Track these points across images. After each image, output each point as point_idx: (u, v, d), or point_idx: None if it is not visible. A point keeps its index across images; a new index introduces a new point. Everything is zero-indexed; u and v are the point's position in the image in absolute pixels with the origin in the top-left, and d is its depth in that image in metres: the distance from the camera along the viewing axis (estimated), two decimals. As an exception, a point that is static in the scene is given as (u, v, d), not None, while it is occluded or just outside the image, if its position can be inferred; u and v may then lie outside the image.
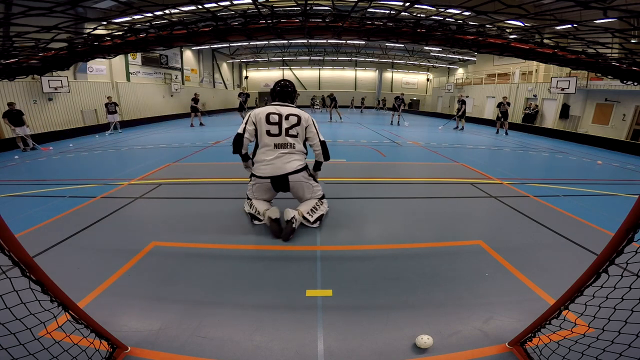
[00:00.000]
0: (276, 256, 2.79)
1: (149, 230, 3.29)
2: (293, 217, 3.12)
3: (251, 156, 3.32)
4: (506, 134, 12.80)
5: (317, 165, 3.42)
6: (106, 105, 11.94)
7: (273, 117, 3.10)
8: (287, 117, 3.11)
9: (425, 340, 1.74)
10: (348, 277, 2.45)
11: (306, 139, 3.26)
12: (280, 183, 3.23)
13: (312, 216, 3.27)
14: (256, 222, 3.37)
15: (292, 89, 3.31)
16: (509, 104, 12.61)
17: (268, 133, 3.10)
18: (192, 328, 1.90)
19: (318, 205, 3.36)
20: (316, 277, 2.45)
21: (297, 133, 3.15)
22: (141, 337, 1.83)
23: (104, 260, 2.69)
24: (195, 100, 14.56)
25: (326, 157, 3.29)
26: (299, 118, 3.14)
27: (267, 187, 3.27)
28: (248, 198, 3.49)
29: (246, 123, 3.15)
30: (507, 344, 1.77)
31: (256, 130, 3.14)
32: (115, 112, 12.05)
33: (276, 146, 3.13)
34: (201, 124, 14.87)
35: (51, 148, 8.89)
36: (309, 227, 3.28)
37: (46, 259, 2.69)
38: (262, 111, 3.12)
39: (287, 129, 3.11)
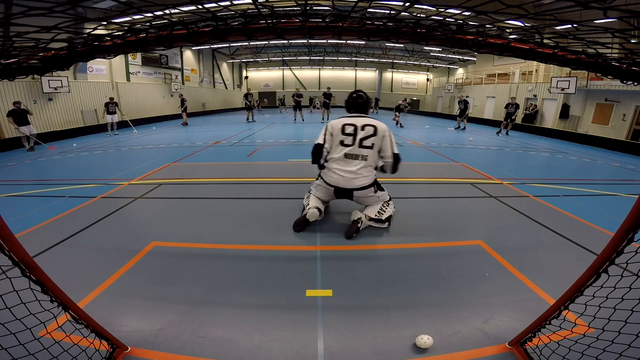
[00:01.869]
0: (276, 256, 2.79)
1: (149, 230, 3.29)
2: (360, 218, 3.14)
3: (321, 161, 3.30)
4: (507, 134, 12.79)
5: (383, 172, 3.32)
6: (106, 105, 11.73)
7: (348, 128, 3.08)
8: (362, 128, 3.07)
9: (425, 340, 1.74)
10: (348, 277, 2.45)
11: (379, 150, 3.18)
12: (343, 194, 3.22)
13: (381, 215, 3.25)
14: (303, 213, 3.37)
15: (365, 100, 3.29)
16: (517, 105, 12.38)
17: (342, 143, 3.09)
18: (192, 328, 1.90)
19: (385, 207, 3.32)
20: (316, 277, 2.45)
21: (373, 144, 3.07)
22: (141, 337, 1.83)
23: (104, 260, 2.69)
24: (182, 101, 14.99)
25: (394, 170, 3.18)
26: (376, 129, 3.07)
27: (330, 193, 3.28)
28: (309, 190, 3.52)
29: (325, 134, 3.16)
30: (507, 344, 1.77)
31: (332, 138, 3.15)
32: (115, 112, 11.94)
33: (347, 156, 3.09)
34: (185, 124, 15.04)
35: (56, 147, 8.91)
36: (379, 227, 3.29)
37: (46, 259, 2.69)
38: (338, 122, 3.14)
39: (361, 140, 3.06)
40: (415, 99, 32.20)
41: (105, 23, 1.77)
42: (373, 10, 9.90)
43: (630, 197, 4.59)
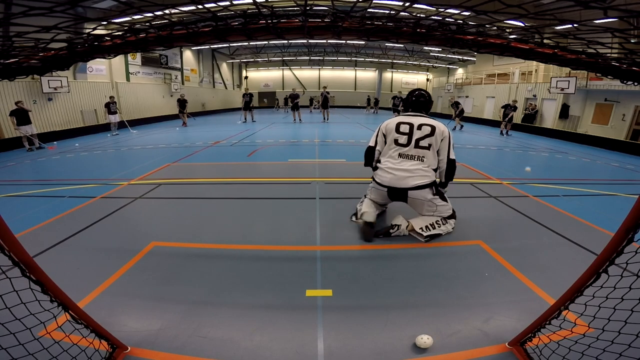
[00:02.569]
0: (276, 256, 2.79)
1: (149, 230, 3.29)
2: (398, 226, 2.93)
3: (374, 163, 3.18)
4: (507, 134, 12.78)
5: (441, 185, 3.08)
6: (107, 105, 11.73)
7: (404, 126, 2.94)
8: (419, 127, 2.91)
9: (425, 340, 1.74)
10: (348, 277, 2.45)
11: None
12: (397, 195, 3.01)
13: (429, 231, 2.96)
14: (353, 218, 3.25)
15: (427, 99, 3.10)
16: (515, 108, 12.26)
17: (396, 142, 2.96)
18: (192, 328, 1.90)
19: (439, 223, 3.01)
20: (316, 277, 2.45)
21: (430, 145, 2.89)
22: (141, 337, 1.83)
23: (104, 260, 2.69)
24: (182, 101, 14.89)
25: (449, 177, 2.98)
26: (433, 129, 2.89)
27: (383, 195, 3.10)
28: (365, 194, 3.38)
29: (377, 135, 3.06)
30: (507, 344, 1.77)
31: (385, 139, 3.04)
32: (116, 112, 11.98)
33: (401, 156, 2.94)
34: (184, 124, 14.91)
35: (55, 144, 8.91)
36: (418, 238, 3.02)
37: (46, 259, 2.69)
38: (393, 121, 3.01)
39: (417, 140, 2.90)
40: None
41: (105, 23, 1.77)
42: (373, 10, 9.90)
43: (630, 197, 4.59)
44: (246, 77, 32.10)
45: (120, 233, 3.22)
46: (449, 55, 24.21)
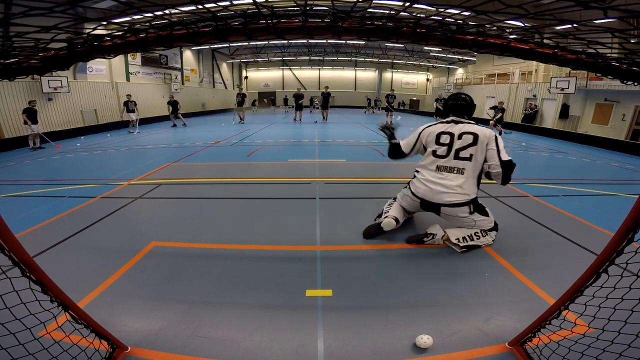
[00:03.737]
0: (276, 256, 2.79)
1: (149, 230, 3.29)
2: (433, 235, 2.80)
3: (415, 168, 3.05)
4: (500, 134, 12.73)
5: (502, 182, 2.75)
6: (125, 103, 12.27)
7: (444, 137, 2.74)
8: (460, 137, 2.69)
9: (425, 340, 1.74)
10: (348, 277, 2.45)
11: (485, 160, 2.71)
12: (430, 207, 2.87)
13: (466, 242, 2.77)
14: (378, 219, 3.16)
15: (469, 103, 2.87)
16: (502, 110, 12.12)
17: (434, 154, 2.78)
18: (192, 328, 1.90)
19: (477, 236, 2.80)
20: (316, 277, 2.44)
21: (471, 155, 2.66)
22: (141, 337, 1.83)
23: (104, 260, 2.69)
24: (174, 102, 14.66)
25: (505, 180, 2.65)
26: (476, 137, 2.64)
27: (416, 205, 2.96)
28: (394, 197, 3.25)
29: (415, 141, 2.90)
30: (507, 344, 1.77)
31: (424, 148, 2.90)
32: (134, 110, 12.35)
33: (439, 169, 2.76)
34: (174, 125, 14.63)
35: (61, 146, 8.95)
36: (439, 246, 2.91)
37: (46, 259, 2.69)
38: (434, 131, 2.81)
39: (457, 150, 2.68)
40: (415, 99, 32.21)
41: (105, 23, 1.77)
42: (373, 10, 9.90)
43: (630, 197, 4.59)
44: (246, 77, 32.11)
45: (120, 233, 3.22)
46: (449, 55, 24.21)
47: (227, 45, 23.40)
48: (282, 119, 18.32)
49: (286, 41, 20.85)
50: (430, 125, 2.91)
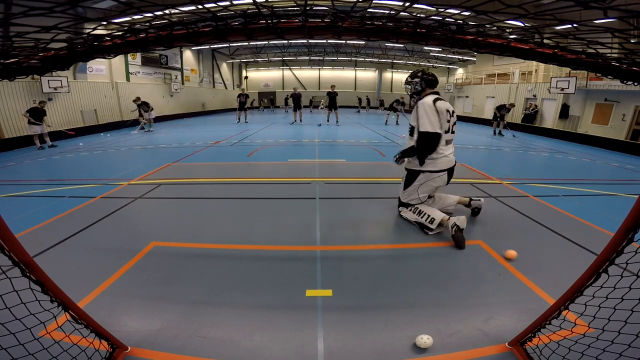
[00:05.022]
0: (276, 256, 2.79)
1: (149, 230, 3.29)
2: (470, 201, 3.50)
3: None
4: (500, 133, 12.69)
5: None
6: (139, 106, 12.33)
7: (447, 115, 3.09)
8: (452, 114, 3.15)
9: (425, 340, 1.74)
10: (348, 277, 2.45)
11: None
12: (450, 173, 3.30)
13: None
14: (427, 231, 3.16)
15: None
16: (508, 109, 12.24)
17: (445, 132, 3.10)
18: (192, 328, 1.90)
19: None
20: (316, 277, 2.45)
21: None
22: (141, 337, 1.83)
23: (104, 260, 2.69)
24: (144, 104, 13.23)
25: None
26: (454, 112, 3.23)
27: (442, 179, 3.26)
28: (409, 205, 3.38)
29: (439, 120, 2.98)
30: (507, 344, 1.77)
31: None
32: (148, 110, 12.57)
33: (447, 142, 3.18)
34: (142, 128, 13.02)
35: (74, 132, 9.05)
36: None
37: (46, 259, 2.69)
38: (443, 107, 3.04)
39: (453, 125, 3.18)
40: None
41: (105, 23, 1.77)
42: (373, 10, 9.89)
43: (630, 197, 4.59)
44: (246, 77, 32.08)
45: (120, 233, 3.22)
46: (449, 55, 24.21)
47: (227, 45, 23.38)
48: (281, 119, 18.32)
49: (286, 41, 20.84)
50: (436, 100, 3.03)
